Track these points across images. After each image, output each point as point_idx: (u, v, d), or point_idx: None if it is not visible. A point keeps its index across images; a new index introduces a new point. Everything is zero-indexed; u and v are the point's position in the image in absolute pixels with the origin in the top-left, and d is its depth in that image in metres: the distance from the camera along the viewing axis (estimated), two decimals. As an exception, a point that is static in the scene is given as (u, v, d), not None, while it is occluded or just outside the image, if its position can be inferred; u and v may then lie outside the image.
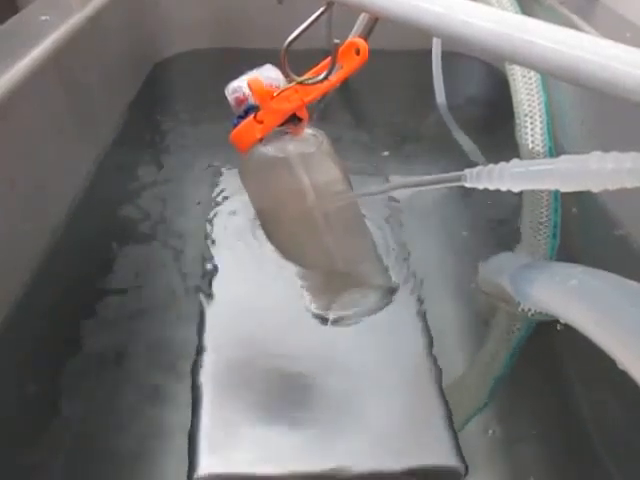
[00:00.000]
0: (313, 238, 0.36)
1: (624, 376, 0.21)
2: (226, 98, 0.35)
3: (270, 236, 0.38)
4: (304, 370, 0.34)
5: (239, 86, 0.34)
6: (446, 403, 0.32)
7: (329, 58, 0.31)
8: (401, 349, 0.35)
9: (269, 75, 0.33)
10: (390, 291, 0.38)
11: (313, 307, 0.36)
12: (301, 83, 0.32)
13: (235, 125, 0.35)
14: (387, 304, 0.37)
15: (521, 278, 0.31)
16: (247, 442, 0.30)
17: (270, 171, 0.35)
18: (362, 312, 0.36)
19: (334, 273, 0.37)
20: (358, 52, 0.31)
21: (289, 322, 0.37)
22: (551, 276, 0.28)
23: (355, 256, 0.38)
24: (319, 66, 0.33)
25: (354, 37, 0.33)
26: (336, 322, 0.36)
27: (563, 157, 0.22)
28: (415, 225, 0.46)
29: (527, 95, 0.53)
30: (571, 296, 0.25)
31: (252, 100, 0.33)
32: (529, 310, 0.38)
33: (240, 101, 0.34)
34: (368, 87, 0.71)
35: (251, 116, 0.34)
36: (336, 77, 0.32)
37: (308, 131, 0.36)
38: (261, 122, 0.33)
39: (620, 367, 0.21)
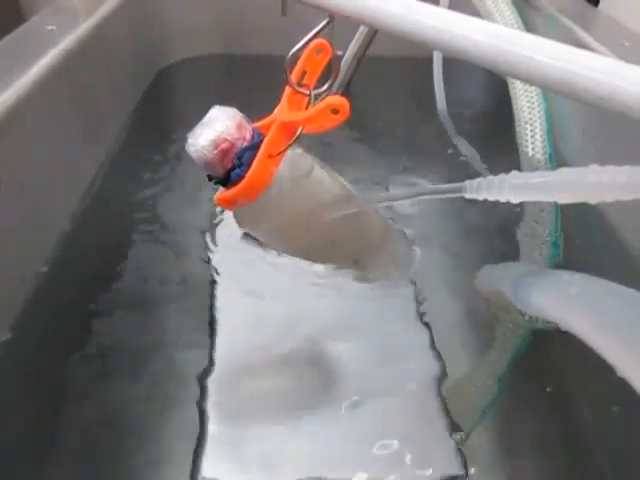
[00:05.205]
0: (339, 242, 0.36)
1: (623, 383, 0.21)
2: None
3: (296, 254, 0.38)
4: (308, 377, 0.34)
5: (218, 137, 0.28)
6: (447, 410, 0.32)
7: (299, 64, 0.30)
8: (403, 354, 0.36)
9: (230, 113, 0.29)
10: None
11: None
12: (308, 95, 0.31)
13: (237, 178, 0.29)
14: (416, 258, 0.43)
15: (521, 285, 0.31)
16: (252, 449, 0.30)
17: (284, 203, 0.32)
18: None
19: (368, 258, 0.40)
20: (319, 52, 0.30)
21: (294, 329, 0.37)
22: (551, 283, 0.29)
23: (380, 237, 0.41)
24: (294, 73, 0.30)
25: (318, 38, 0.29)
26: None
27: (561, 169, 0.23)
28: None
29: (527, 102, 0.53)
30: (571, 303, 0.26)
31: (243, 141, 0.29)
32: (529, 318, 0.38)
33: (227, 151, 0.28)
34: (368, 93, 0.71)
35: (259, 156, 0.29)
36: (312, 83, 0.30)
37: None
38: (271, 155, 0.29)
39: (619, 374, 0.21)
